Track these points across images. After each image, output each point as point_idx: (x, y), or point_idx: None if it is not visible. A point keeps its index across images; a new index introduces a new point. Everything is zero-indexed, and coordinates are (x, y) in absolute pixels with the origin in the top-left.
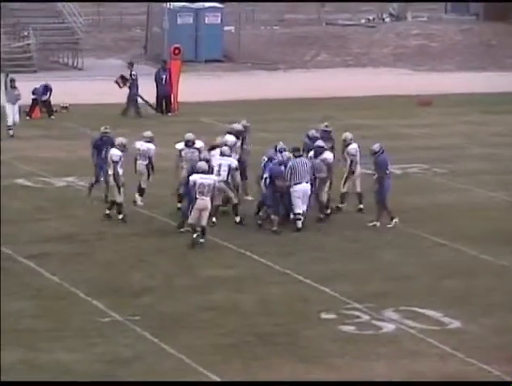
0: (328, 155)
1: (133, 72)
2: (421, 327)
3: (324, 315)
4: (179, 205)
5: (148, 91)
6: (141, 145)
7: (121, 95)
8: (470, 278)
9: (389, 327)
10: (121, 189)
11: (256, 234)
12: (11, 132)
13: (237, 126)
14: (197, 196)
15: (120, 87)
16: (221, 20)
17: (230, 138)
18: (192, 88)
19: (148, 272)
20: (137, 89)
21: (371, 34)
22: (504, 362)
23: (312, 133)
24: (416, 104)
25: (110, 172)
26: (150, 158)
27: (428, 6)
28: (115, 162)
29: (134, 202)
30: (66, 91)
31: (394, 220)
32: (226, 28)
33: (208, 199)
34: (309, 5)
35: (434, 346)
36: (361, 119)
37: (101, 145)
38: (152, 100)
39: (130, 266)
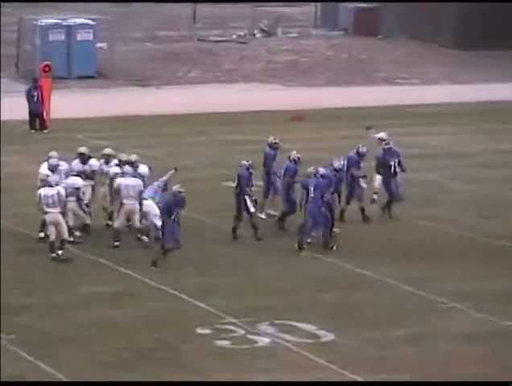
0: None
1: None
2: (296, 340)
3: (199, 330)
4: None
5: (21, 109)
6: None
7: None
8: (345, 292)
9: (264, 341)
10: None
11: (131, 250)
12: None
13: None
14: (46, 210)
15: None
16: (94, 36)
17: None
18: (65, 104)
19: (26, 289)
20: None
21: (242, 50)
22: (378, 374)
23: (271, 140)
24: (289, 119)
25: None
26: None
27: (298, 23)
28: None
29: None
30: None
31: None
32: (99, 45)
33: (56, 211)
34: (181, 21)
35: (309, 358)
36: (233, 134)
37: (173, 207)
38: (26, 117)
39: (7, 284)
